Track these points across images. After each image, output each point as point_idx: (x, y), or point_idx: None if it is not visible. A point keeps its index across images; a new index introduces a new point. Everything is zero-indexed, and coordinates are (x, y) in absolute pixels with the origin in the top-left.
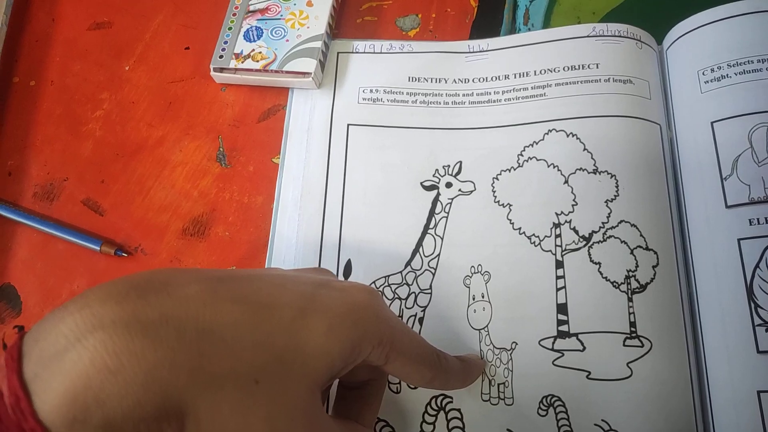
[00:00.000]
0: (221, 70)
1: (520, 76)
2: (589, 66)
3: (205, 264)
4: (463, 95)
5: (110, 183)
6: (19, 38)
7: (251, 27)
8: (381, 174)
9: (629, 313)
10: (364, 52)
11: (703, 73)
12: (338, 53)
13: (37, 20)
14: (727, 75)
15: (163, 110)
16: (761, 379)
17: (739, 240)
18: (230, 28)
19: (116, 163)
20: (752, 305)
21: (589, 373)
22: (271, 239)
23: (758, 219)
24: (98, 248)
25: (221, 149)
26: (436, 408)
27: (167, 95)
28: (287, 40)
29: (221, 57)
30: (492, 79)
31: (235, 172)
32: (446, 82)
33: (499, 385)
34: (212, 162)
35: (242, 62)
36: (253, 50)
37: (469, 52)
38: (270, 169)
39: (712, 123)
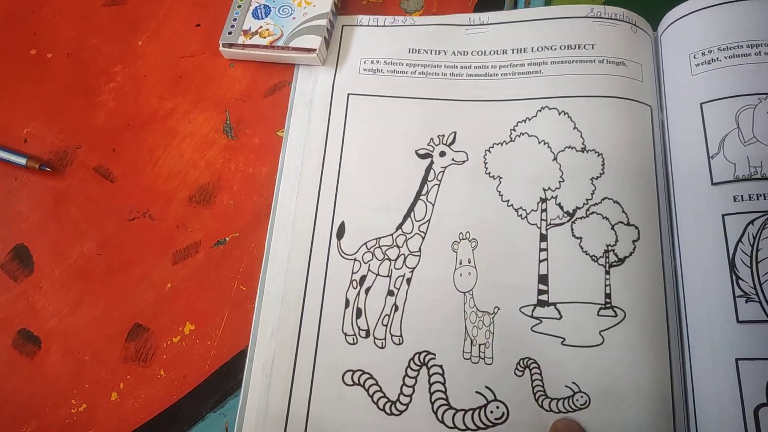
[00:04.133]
0: (230, 45)
1: (518, 52)
2: (584, 46)
3: (209, 230)
4: (461, 67)
5: (121, 151)
6: (38, 12)
7: (260, 5)
8: (378, 141)
9: (605, 285)
10: (368, 25)
11: (694, 57)
12: (342, 26)
13: None
14: (717, 59)
15: (173, 84)
16: (740, 347)
17: (723, 216)
18: (239, 6)
19: (127, 132)
20: (734, 277)
21: (564, 339)
22: (273, 208)
23: (742, 196)
24: (24, 163)
25: (228, 122)
26: (419, 363)
27: (178, 69)
28: (294, 18)
29: (230, 33)
30: (490, 53)
31: (241, 144)
32: (445, 54)
33: (480, 345)
34: (219, 134)
35: (250, 38)
36: (261, 27)
37: (470, 25)
38: (274, 141)
39: (701, 104)
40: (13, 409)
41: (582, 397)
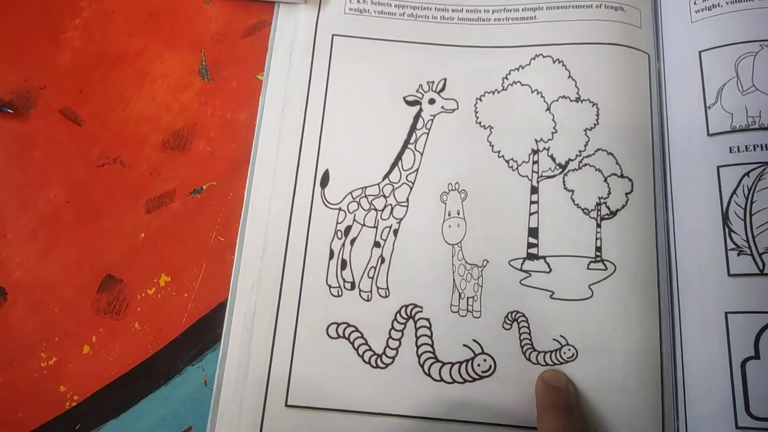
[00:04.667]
0: None
1: None
2: None
3: (184, 177)
4: (452, 10)
5: (88, 93)
6: None
7: None
8: (364, 86)
9: (596, 239)
10: None
11: (694, 3)
12: None
13: None
14: (718, 4)
15: (144, 21)
16: (730, 300)
17: (718, 167)
18: None
19: (95, 73)
20: (726, 230)
21: (553, 293)
22: (253, 155)
23: (738, 147)
24: None
25: (204, 63)
26: (406, 316)
27: (149, 6)
28: None
29: None
30: None
31: (218, 88)
32: None
33: (468, 298)
34: (194, 76)
35: None
36: None
37: None
38: (253, 86)
39: (699, 52)
40: None
41: (569, 350)
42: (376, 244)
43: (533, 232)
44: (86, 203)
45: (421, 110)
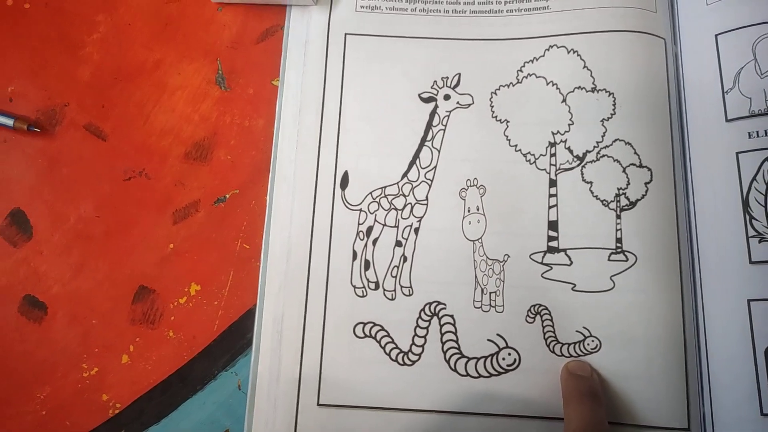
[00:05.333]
0: None
1: None
2: None
3: (207, 187)
4: (464, 3)
5: (110, 108)
6: None
7: None
8: (378, 85)
9: (616, 230)
10: None
11: None
12: None
13: None
14: None
15: (159, 32)
16: (752, 288)
17: (737, 153)
18: None
19: (115, 87)
20: (747, 217)
21: (575, 285)
22: (273, 161)
23: (757, 132)
24: (11, 125)
25: (220, 72)
26: (430, 314)
27: (163, 16)
28: None
29: None
30: None
31: (235, 95)
32: None
33: (490, 293)
34: (212, 85)
35: None
36: None
37: None
38: (270, 91)
39: (716, 36)
40: (26, 374)
41: (593, 341)
42: (398, 244)
43: (553, 225)
44: (115, 217)
45: (436, 107)
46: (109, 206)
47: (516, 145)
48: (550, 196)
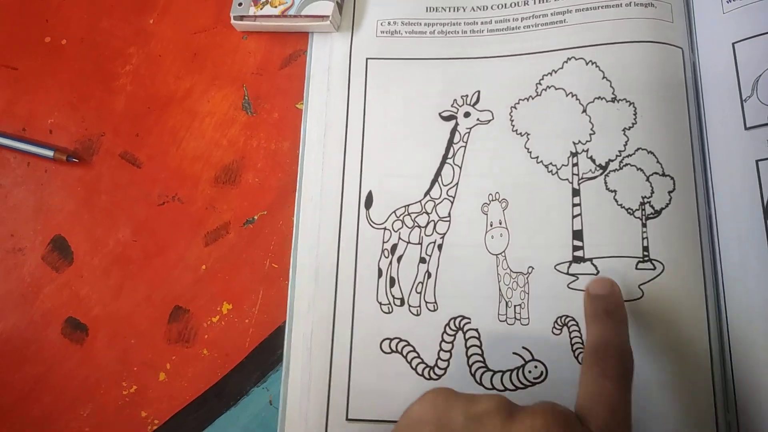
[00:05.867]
0: (241, 17)
1: (539, 2)
2: None
3: (237, 209)
4: (482, 23)
5: (144, 136)
6: None
7: None
8: (400, 106)
9: (642, 238)
10: None
11: None
12: None
13: None
14: None
15: (188, 62)
16: None
17: (757, 161)
18: None
19: (149, 116)
20: None
21: None
22: (299, 182)
23: None
24: (51, 156)
25: (246, 98)
26: (455, 328)
27: (191, 46)
28: None
29: (240, 4)
30: (511, 5)
31: (261, 120)
32: (464, 10)
33: (515, 306)
34: (239, 111)
35: (261, 9)
36: None
37: None
38: (294, 114)
39: (733, 44)
40: (71, 393)
41: None
42: (422, 260)
43: (578, 234)
44: (151, 240)
45: (457, 124)
46: (145, 230)
47: (537, 157)
48: (574, 205)
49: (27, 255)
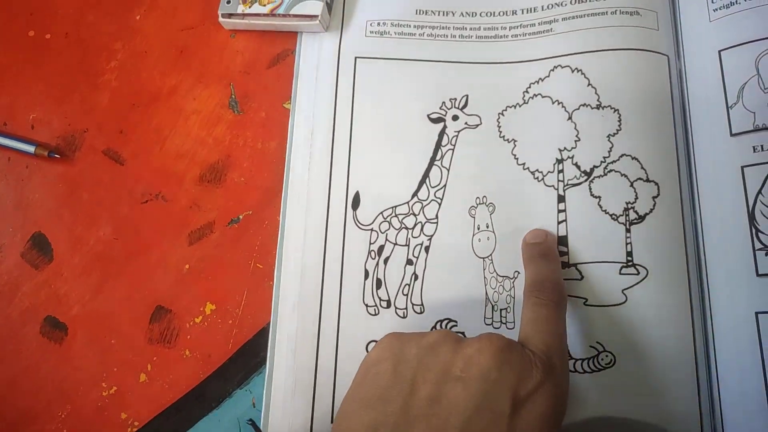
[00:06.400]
0: (229, 15)
1: (527, 12)
2: None
3: (222, 209)
4: (470, 29)
5: (128, 133)
6: None
7: None
8: (388, 107)
9: (626, 243)
10: None
11: (712, 1)
12: None
13: None
14: (737, 1)
15: (174, 59)
16: (760, 301)
17: (742, 167)
18: None
19: (133, 113)
20: (753, 230)
21: (586, 300)
22: (285, 182)
23: (762, 146)
24: (33, 151)
25: (233, 96)
26: None
27: (178, 43)
28: None
29: (229, 2)
30: (499, 14)
31: (248, 119)
32: (453, 15)
33: (501, 310)
34: (225, 109)
35: (249, 7)
36: None
37: None
38: (281, 114)
39: (719, 51)
40: (48, 394)
41: (607, 356)
42: (409, 262)
43: (563, 240)
44: (133, 239)
45: (445, 127)
46: (127, 229)
47: (524, 164)
48: (559, 211)
49: (5, 252)
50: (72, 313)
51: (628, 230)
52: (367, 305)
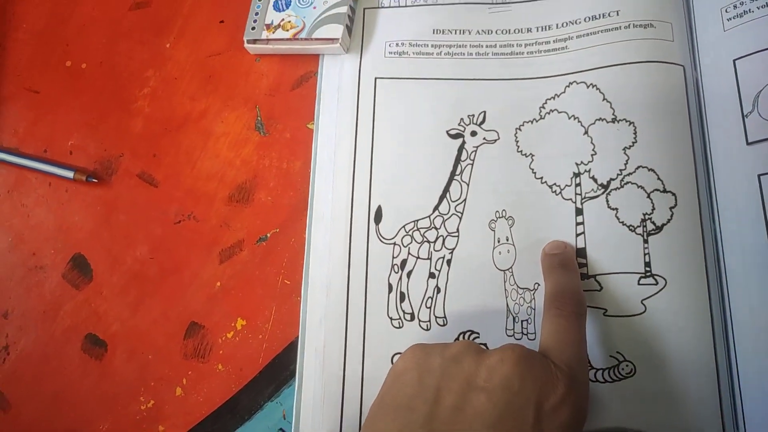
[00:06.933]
0: (254, 41)
1: (542, 29)
2: (609, 14)
3: (250, 227)
4: (487, 47)
5: (161, 156)
6: (68, 22)
7: None
8: (408, 124)
9: (644, 254)
10: (390, 6)
11: (726, 11)
12: (364, 9)
13: (82, 4)
14: (750, 10)
15: (203, 84)
16: None
17: (759, 176)
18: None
19: (165, 137)
20: None
21: (606, 310)
22: (310, 200)
23: None
24: (72, 176)
25: (259, 118)
26: None
27: (206, 69)
28: (314, 8)
29: (253, 29)
30: (515, 31)
31: (274, 140)
32: (470, 33)
33: (522, 321)
34: (252, 131)
35: (273, 32)
36: (283, 20)
37: (492, 4)
38: (305, 134)
39: (734, 61)
40: (89, 408)
41: (627, 365)
42: (431, 275)
43: (581, 252)
44: (168, 258)
45: (464, 142)
46: (162, 248)
47: (542, 178)
48: (577, 224)
49: (48, 273)
50: (111, 331)
51: (645, 241)
52: (391, 318)
